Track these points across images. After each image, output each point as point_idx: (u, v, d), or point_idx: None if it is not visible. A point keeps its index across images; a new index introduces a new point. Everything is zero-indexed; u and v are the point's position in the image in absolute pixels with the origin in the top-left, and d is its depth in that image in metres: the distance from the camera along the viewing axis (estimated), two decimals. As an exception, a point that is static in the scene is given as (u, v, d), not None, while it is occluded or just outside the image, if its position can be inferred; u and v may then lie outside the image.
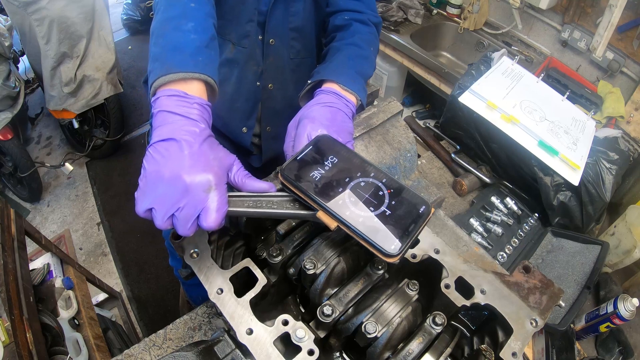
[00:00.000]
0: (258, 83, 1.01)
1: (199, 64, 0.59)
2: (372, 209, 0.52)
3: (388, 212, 0.52)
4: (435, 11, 2.33)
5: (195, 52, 0.60)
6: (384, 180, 0.55)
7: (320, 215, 0.52)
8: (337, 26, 0.95)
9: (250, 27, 0.92)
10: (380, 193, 0.54)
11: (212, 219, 0.50)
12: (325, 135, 0.61)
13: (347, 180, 0.55)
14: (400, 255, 0.48)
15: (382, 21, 1.00)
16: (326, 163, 0.57)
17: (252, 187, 0.56)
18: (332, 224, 0.51)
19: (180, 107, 0.54)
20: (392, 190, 0.54)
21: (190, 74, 0.57)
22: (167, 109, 0.54)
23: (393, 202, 0.53)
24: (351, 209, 0.51)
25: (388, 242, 0.49)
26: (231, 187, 0.57)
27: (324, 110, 0.71)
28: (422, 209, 0.53)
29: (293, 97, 1.06)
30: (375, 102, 0.98)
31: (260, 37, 0.94)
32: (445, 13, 2.32)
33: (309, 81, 0.82)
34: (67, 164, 2.55)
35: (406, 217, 0.51)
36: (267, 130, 1.09)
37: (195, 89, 0.57)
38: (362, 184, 0.54)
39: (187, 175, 0.49)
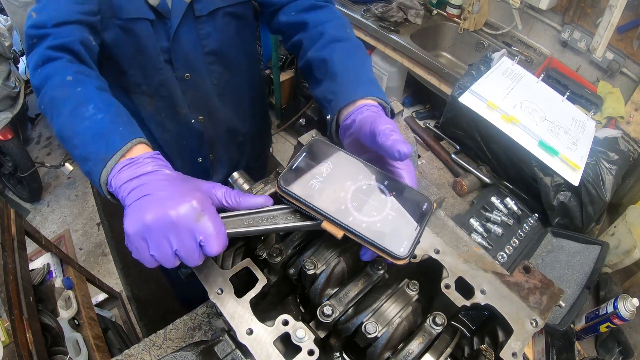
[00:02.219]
0: (193, 121, 0.98)
1: (124, 134, 0.55)
2: (375, 213, 0.51)
3: (392, 214, 0.51)
4: (435, 11, 2.33)
5: (113, 128, 0.56)
6: (385, 183, 0.54)
7: (325, 225, 0.51)
8: (291, 24, 0.83)
9: (162, 74, 0.87)
10: (383, 196, 0.53)
11: (214, 245, 0.47)
12: (318, 139, 0.58)
13: (348, 185, 0.53)
14: (410, 256, 0.49)
15: None
16: (323, 169, 0.55)
17: (249, 203, 0.53)
18: (339, 233, 0.51)
19: (135, 170, 0.51)
20: (394, 192, 0.53)
21: (123, 149, 0.54)
22: (124, 181, 0.51)
23: (396, 203, 0.52)
24: (355, 215, 0.51)
25: (397, 245, 0.49)
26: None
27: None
28: (425, 207, 0.53)
29: (227, 121, 1.04)
30: (376, 102, 0.97)
31: (174, 75, 0.89)
32: (445, 13, 2.32)
33: (327, 117, 0.69)
34: (67, 164, 2.55)
35: (411, 218, 0.51)
36: (210, 157, 1.08)
37: (137, 151, 0.55)
38: (364, 187, 0.53)
39: (171, 210, 0.46)
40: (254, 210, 0.53)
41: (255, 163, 1.26)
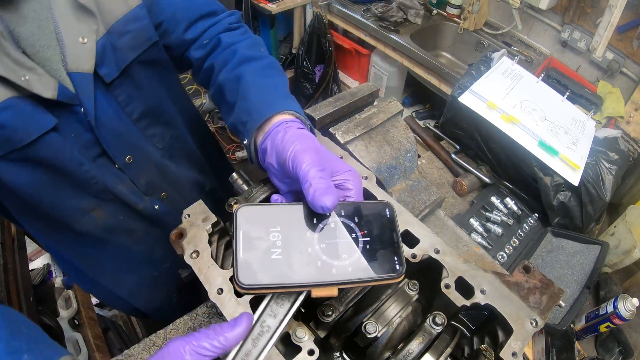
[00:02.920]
0: (157, 206, 0.81)
1: None
2: (352, 249, 0.46)
3: (367, 239, 0.47)
4: (435, 11, 2.34)
5: None
6: (341, 212, 0.48)
7: (315, 292, 0.44)
8: (205, 54, 0.75)
9: (98, 179, 0.68)
10: (348, 227, 0.48)
11: None
12: (242, 208, 0.47)
13: (308, 237, 0.46)
14: (405, 267, 0.46)
15: (238, 14, 0.80)
16: (273, 237, 0.45)
17: (235, 338, 0.40)
18: (333, 292, 0.44)
19: None
20: (355, 217, 0.48)
21: None
22: None
23: (363, 227, 0.48)
24: (337, 265, 0.45)
25: (390, 267, 0.46)
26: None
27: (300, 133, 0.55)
28: (388, 213, 0.49)
29: (189, 180, 0.91)
30: (375, 102, 0.98)
31: (116, 166, 0.71)
32: (445, 13, 2.32)
33: (244, 142, 0.61)
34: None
35: (384, 231, 0.48)
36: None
37: None
38: (325, 230, 0.47)
39: None
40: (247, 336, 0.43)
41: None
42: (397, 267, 0.46)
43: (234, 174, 0.69)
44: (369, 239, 0.47)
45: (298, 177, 0.49)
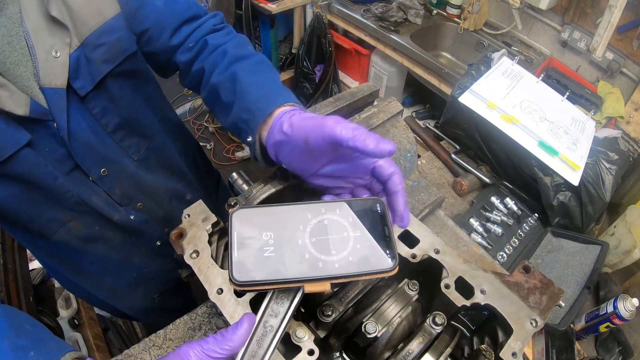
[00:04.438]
0: (132, 217, 0.81)
1: None
2: (343, 244, 0.47)
3: (358, 234, 0.47)
4: (435, 11, 2.34)
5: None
6: (326, 209, 0.49)
7: (308, 287, 0.45)
8: (192, 57, 0.75)
9: (72, 192, 0.68)
10: (337, 223, 0.48)
11: None
12: (237, 210, 0.48)
13: (299, 235, 0.47)
14: (397, 261, 0.46)
15: (221, 15, 0.80)
16: (265, 236, 0.46)
17: (239, 339, 0.42)
18: (326, 287, 0.45)
19: None
20: (345, 213, 0.49)
21: None
22: None
23: (354, 222, 0.48)
24: (328, 260, 0.45)
25: (382, 260, 0.46)
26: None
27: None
28: (379, 208, 0.50)
29: (168, 190, 0.89)
30: (375, 102, 0.98)
31: (90, 179, 0.71)
32: (445, 13, 2.32)
33: (248, 139, 0.61)
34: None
35: (376, 226, 0.48)
36: (166, 231, 0.92)
37: None
38: (314, 227, 0.48)
39: None
40: (249, 340, 0.44)
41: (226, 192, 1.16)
42: (390, 260, 0.46)
43: (234, 173, 0.69)
44: (360, 234, 0.47)
45: (335, 141, 0.48)
